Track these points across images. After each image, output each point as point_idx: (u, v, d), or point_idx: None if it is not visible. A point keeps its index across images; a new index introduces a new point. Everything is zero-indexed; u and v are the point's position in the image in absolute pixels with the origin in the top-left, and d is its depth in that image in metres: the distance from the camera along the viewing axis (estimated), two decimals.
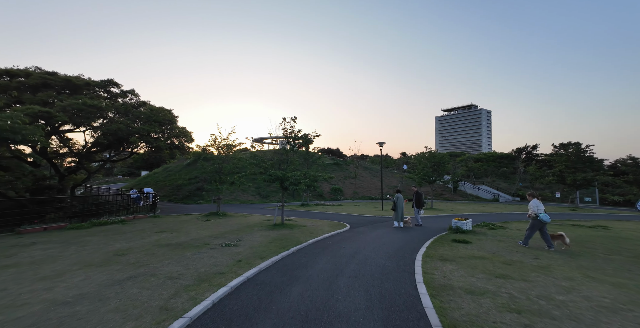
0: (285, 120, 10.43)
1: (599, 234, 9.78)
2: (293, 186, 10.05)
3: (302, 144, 10.93)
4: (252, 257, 6.24)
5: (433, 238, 8.91)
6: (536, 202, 7.48)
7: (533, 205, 7.45)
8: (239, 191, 24.66)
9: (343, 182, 32.31)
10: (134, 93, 18.60)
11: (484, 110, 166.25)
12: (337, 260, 6.14)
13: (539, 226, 7.41)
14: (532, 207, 7.46)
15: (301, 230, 9.85)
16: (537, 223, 7.41)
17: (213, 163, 13.84)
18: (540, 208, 7.36)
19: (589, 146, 20.68)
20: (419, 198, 12.02)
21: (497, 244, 7.98)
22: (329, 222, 12.32)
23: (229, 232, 9.23)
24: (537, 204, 7.42)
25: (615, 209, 20.88)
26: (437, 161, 19.45)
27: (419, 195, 12.07)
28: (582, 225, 12.23)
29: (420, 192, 12.22)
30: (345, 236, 9.10)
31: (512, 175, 36.92)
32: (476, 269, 5.46)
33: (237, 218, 12.79)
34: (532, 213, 7.41)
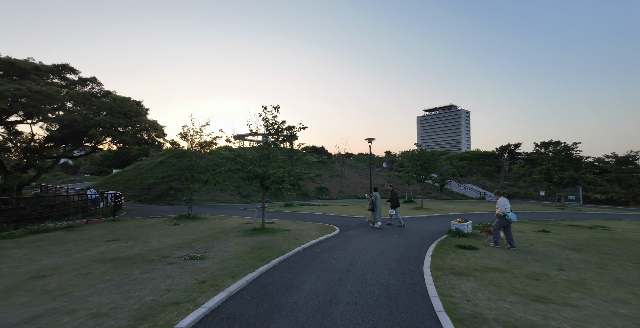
0: (267, 109, 9.08)
1: (605, 236, 9.15)
2: (275, 185, 8.74)
3: (287, 138, 9.60)
4: (221, 275, 4.91)
5: (434, 243, 7.90)
6: (504, 201, 7.49)
7: (501, 204, 7.47)
8: (217, 190, 22.94)
9: (329, 180, 31.20)
10: (96, 81, 16.51)
11: (463, 111, 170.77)
12: (330, 277, 4.93)
13: (505, 224, 7.45)
14: (499, 205, 7.47)
15: (285, 235, 8.57)
16: (503, 222, 7.42)
17: (182, 159, 12.22)
18: (507, 207, 7.37)
19: (576, 144, 20.74)
20: (395, 198, 11.41)
21: (506, 250, 7.07)
22: (316, 224, 11.10)
23: (198, 240, 7.79)
24: (504, 203, 7.43)
25: (600, 207, 21.07)
26: (427, 159, 18.71)
27: (394, 195, 11.45)
28: (580, 225, 11.72)
29: (396, 191, 11.56)
30: (335, 242, 7.91)
31: (496, 173, 37.31)
32: (502, 288, 4.41)
33: (211, 222, 11.29)
34: (499, 212, 7.40)
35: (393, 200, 11.41)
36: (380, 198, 10.97)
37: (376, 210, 10.68)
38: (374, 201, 10.73)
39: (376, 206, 10.69)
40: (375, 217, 10.69)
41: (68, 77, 15.86)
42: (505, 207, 7.34)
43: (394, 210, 11.36)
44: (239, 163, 9.03)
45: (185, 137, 12.31)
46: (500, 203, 7.50)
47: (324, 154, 55.53)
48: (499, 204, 7.47)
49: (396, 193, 11.57)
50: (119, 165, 47.49)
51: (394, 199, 11.40)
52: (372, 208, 10.81)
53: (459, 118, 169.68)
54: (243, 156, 9.05)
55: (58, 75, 15.51)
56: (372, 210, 10.87)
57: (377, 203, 10.69)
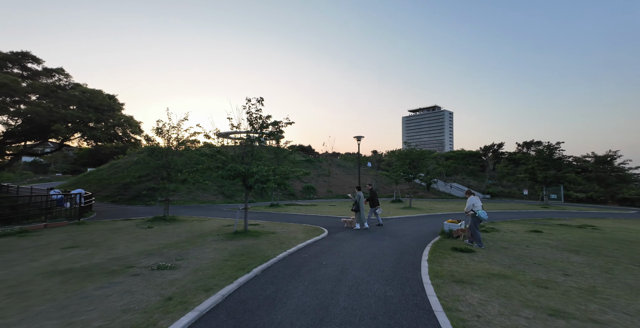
0: (250, 101, 8.35)
1: (597, 236, 9.02)
2: (259, 184, 8.03)
3: (272, 134, 8.90)
4: (193, 288, 4.21)
5: (429, 246, 7.45)
6: (474, 200, 7.55)
7: (470, 203, 7.53)
8: (198, 190, 21.85)
9: (316, 180, 30.59)
10: (63, 72, 15.13)
11: (446, 111, 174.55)
12: (319, 289, 4.33)
13: (478, 222, 7.51)
14: (468, 204, 7.54)
15: (269, 239, 7.89)
16: (476, 221, 7.46)
17: (157, 157, 11.26)
18: (477, 205, 7.43)
19: (559, 143, 21.11)
20: (374, 198, 11.06)
21: (504, 253, 6.70)
22: (303, 226, 10.47)
23: (171, 245, 6.99)
24: (474, 202, 7.50)
25: (581, 206, 21.57)
26: (416, 157, 18.44)
27: (374, 194, 11.10)
28: (568, 224, 11.67)
29: (374, 191, 11.20)
30: (324, 246, 7.32)
31: (480, 173, 37.90)
32: (512, 299, 3.94)
33: (189, 224, 10.43)
34: (468, 209, 7.49)
35: (372, 199, 11.07)
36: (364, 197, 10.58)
37: (360, 210, 10.19)
38: (357, 201, 10.25)
39: (360, 206, 10.20)
40: (360, 218, 10.20)
41: (30, 66, 14.43)
42: (475, 205, 7.41)
43: (373, 209, 11.12)
44: (219, 160, 8.26)
45: (161, 133, 11.35)
46: (469, 202, 7.55)
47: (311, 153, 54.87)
48: (469, 203, 7.55)
49: (375, 193, 11.24)
50: (94, 164, 44.97)
51: (373, 198, 11.06)
52: (356, 209, 10.31)
53: (442, 118, 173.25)
54: (224, 153, 8.28)
55: (18, 65, 14.06)
56: (355, 210, 10.37)
57: (360, 203, 10.23)
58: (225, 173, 7.73)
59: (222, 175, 7.79)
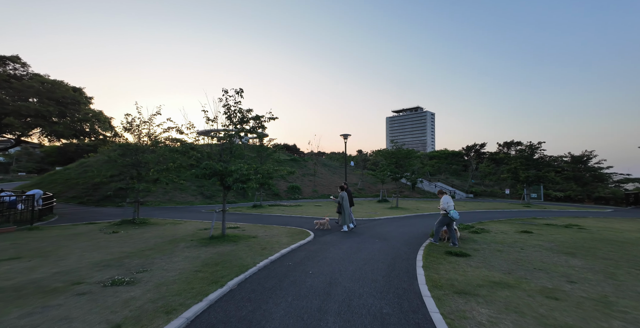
0: (227, 93, 7.57)
1: (586, 236, 8.91)
2: (239, 184, 7.28)
3: (254, 129, 8.16)
4: (151, 310, 3.47)
5: (421, 249, 6.99)
6: (447, 199, 7.60)
7: (444, 201, 7.57)
8: (176, 190, 20.63)
9: (301, 179, 29.89)
10: (19, 61, 13.63)
11: (428, 113, 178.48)
12: (305, 306, 3.70)
13: (447, 222, 7.53)
14: (442, 203, 7.58)
15: (249, 244, 7.16)
16: (446, 220, 7.51)
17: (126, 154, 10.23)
18: (450, 205, 7.45)
19: (541, 143, 21.55)
20: (349, 198, 10.47)
21: (501, 257, 6.32)
22: (287, 228, 9.79)
23: (135, 254, 6.13)
24: (447, 201, 7.54)
25: (560, 205, 22.14)
26: (403, 157, 18.15)
27: (348, 194, 10.50)
28: (554, 224, 11.64)
29: (349, 189, 10.71)
30: (310, 251, 6.69)
31: (463, 172, 38.52)
32: (524, 315, 3.47)
33: (161, 228, 9.50)
34: (441, 208, 7.53)
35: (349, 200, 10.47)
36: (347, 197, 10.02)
37: (344, 211, 9.73)
38: (341, 202, 9.79)
39: (343, 207, 9.72)
40: (344, 219, 9.74)
41: None
42: (448, 204, 7.43)
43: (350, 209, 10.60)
44: (193, 157, 7.43)
45: (130, 129, 10.31)
46: (442, 201, 7.61)
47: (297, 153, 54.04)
48: (442, 202, 7.59)
49: (350, 192, 10.69)
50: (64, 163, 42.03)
51: (350, 198, 10.50)
52: (340, 210, 9.85)
53: (424, 119, 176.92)
54: (198, 149, 7.45)
55: None
56: (339, 212, 9.90)
57: (344, 203, 9.76)
58: (199, 172, 6.92)
59: (196, 174, 6.98)
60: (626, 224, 11.92)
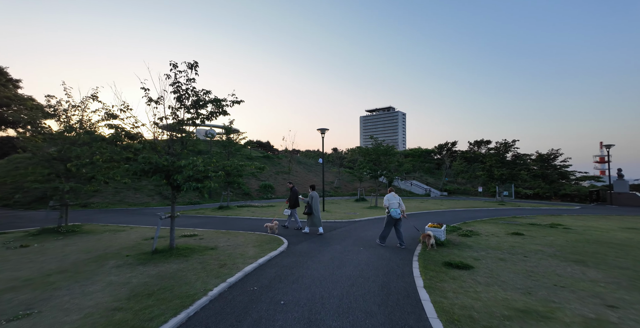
0: (177, 67, 5.94)
1: (579, 238, 8.42)
2: (192, 184, 5.71)
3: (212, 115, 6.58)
4: None
5: (415, 260, 5.93)
6: (389, 196, 7.19)
7: (385, 200, 7.17)
8: (129, 190, 18.14)
9: (275, 177, 28.24)
10: None
11: (400, 112, 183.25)
12: None
13: (392, 222, 7.09)
14: (385, 201, 7.18)
15: (204, 259, 5.64)
16: (389, 220, 7.08)
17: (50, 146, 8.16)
18: (392, 203, 7.02)
19: (515, 141, 21.85)
20: (295, 198, 9.66)
21: (507, 268, 5.41)
22: (257, 235, 8.33)
23: (33, 281, 4.38)
24: (388, 198, 7.12)
25: (531, 202, 22.69)
26: (382, 153, 17.28)
27: (294, 193, 9.67)
28: (537, 223, 11.27)
29: (296, 189, 9.87)
30: (282, 267, 5.33)
31: (436, 170, 39.07)
32: None
33: (95, 238, 7.59)
34: (385, 206, 7.14)
35: (292, 199, 9.62)
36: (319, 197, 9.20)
37: (314, 213, 8.77)
38: (310, 202, 8.82)
39: (313, 208, 8.79)
40: (314, 221, 8.80)
41: None
42: (390, 203, 7.02)
43: (289, 210, 9.75)
44: (131, 149, 5.71)
45: (55, 115, 8.20)
46: (385, 199, 7.19)
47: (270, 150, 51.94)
48: (384, 200, 7.17)
49: (296, 192, 9.79)
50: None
51: (293, 198, 9.62)
52: (309, 211, 8.83)
53: (396, 119, 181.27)
54: (136, 137, 5.73)
55: None
56: (308, 213, 8.86)
57: (314, 204, 8.79)
58: (134, 167, 5.26)
59: (129, 170, 5.29)
60: (603, 222, 11.89)
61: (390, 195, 7.23)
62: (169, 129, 6.30)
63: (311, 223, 8.88)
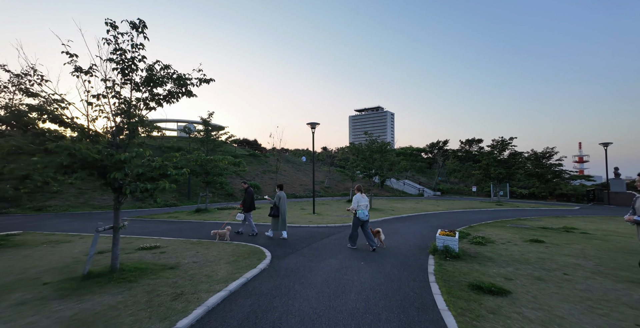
0: (116, 29, 4.41)
1: (609, 246, 7.40)
2: (141, 184, 4.23)
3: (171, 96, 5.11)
4: None
5: (432, 280, 4.65)
6: (357, 197, 6.81)
7: (354, 200, 6.82)
8: (96, 190, 16.21)
9: (261, 177, 26.65)
10: None
11: (388, 112, 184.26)
12: None
13: (359, 223, 6.75)
14: (353, 202, 6.83)
15: (155, 285, 4.17)
16: (356, 221, 6.74)
17: None
18: (361, 204, 6.73)
19: (512, 138, 21.10)
20: (251, 199, 8.49)
21: (553, 292, 4.20)
22: (234, 246, 6.89)
23: None
24: (357, 199, 6.77)
25: (528, 202, 22.01)
26: (377, 150, 16.03)
27: (250, 195, 8.51)
28: (549, 227, 10.29)
29: (251, 190, 8.83)
30: (262, 296, 3.95)
31: (427, 169, 38.39)
32: None
33: (20, 254, 5.96)
34: (351, 208, 6.82)
35: (247, 201, 8.51)
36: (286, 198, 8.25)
37: (280, 215, 7.89)
38: (277, 203, 7.83)
39: (280, 210, 7.80)
40: (279, 225, 7.84)
41: None
42: (359, 204, 6.69)
43: (243, 215, 8.49)
44: (45, 136, 4.15)
45: None
46: (354, 200, 6.80)
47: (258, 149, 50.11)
48: (353, 201, 6.81)
49: (251, 193, 8.64)
50: None
51: (248, 200, 8.52)
52: (275, 213, 7.80)
53: (385, 119, 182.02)
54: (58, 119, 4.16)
55: None
56: (274, 215, 7.81)
57: (282, 205, 7.93)
58: (46, 161, 3.72)
59: (40, 163, 3.75)
60: (616, 225, 11.05)
61: (359, 196, 6.82)
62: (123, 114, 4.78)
63: (275, 227, 7.90)
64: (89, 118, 4.35)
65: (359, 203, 6.71)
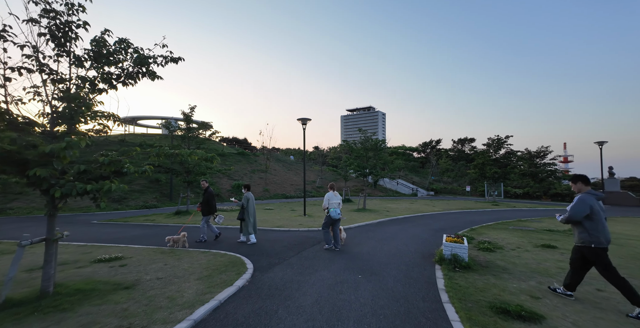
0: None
1: (627, 252, 6.79)
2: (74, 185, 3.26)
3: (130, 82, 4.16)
4: None
5: (447, 302, 3.83)
6: (329, 195, 6.70)
7: (325, 199, 6.70)
8: None
9: (250, 176, 25.59)
10: None
11: (380, 112, 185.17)
12: None
13: (331, 222, 6.57)
14: (324, 201, 6.71)
15: (96, 315, 3.24)
16: (327, 220, 6.57)
17: None
18: (332, 202, 6.59)
19: (508, 137, 20.67)
20: (209, 201, 7.45)
21: (593, 316, 3.46)
22: (211, 256, 5.96)
23: None
24: (328, 197, 6.66)
25: (523, 202, 21.61)
26: (372, 147, 15.24)
27: (210, 196, 7.55)
28: (553, 229, 9.69)
29: (212, 191, 7.71)
30: (236, 326, 3.06)
31: (420, 169, 38.00)
32: None
33: None
34: (323, 207, 6.73)
35: (208, 203, 7.46)
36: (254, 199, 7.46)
37: (248, 219, 7.06)
38: (246, 205, 6.99)
39: (249, 213, 7.09)
40: (246, 228, 6.98)
41: None
42: (330, 202, 6.56)
43: (222, 217, 7.72)
44: None
45: None
46: (325, 198, 6.67)
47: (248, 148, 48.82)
48: (324, 199, 6.67)
49: (212, 193, 7.62)
50: None
51: (209, 202, 7.45)
52: (243, 216, 7.01)
53: (376, 118, 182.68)
54: None
55: None
56: (242, 219, 7.03)
57: (249, 208, 7.09)
58: None
59: None
60: (622, 227, 10.54)
61: (330, 194, 6.66)
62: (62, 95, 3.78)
63: (245, 231, 7.10)
64: (8, 99, 3.35)
65: (330, 202, 6.54)
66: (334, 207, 6.52)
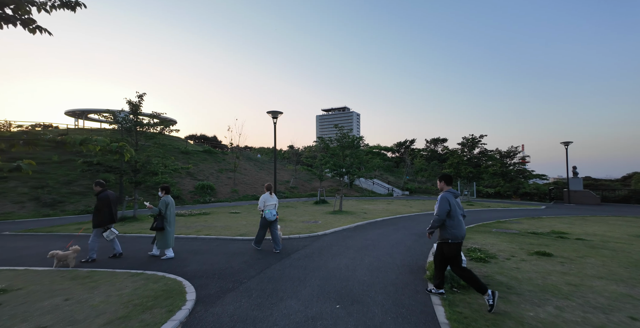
0: None
1: (627, 259, 6.29)
2: None
3: None
4: None
5: None
6: (265, 197, 6.46)
7: (261, 200, 6.47)
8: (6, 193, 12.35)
9: (217, 176, 23.64)
10: None
11: (354, 113, 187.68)
12: None
13: (267, 224, 6.38)
14: (260, 202, 6.50)
15: None
16: (264, 222, 6.37)
17: None
18: (267, 205, 6.34)
19: (482, 136, 20.80)
20: (108, 205, 5.74)
21: None
22: (140, 282, 4.49)
23: None
24: (264, 199, 6.43)
25: (496, 202, 21.80)
26: (349, 145, 14.25)
27: (104, 202, 5.73)
28: (538, 232, 9.26)
29: (105, 195, 5.79)
30: None
31: (395, 168, 38.03)
32: None
33: None
34: (258, 208, 6.52)
35: (100, 211, 5.70)
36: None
37: (167, 227, 5.75)
38: (164, 212, 5.77)
39: (168, 220, 5.80)
40: (165, 241, 5.73)
41: None
42: (265, 204, 6.39)
43: (108, 231, 5.76)
44: None
45: None
46: (260, 200, 6.51)
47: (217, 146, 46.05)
48: (260, 201, 6.52)
49: (106, 199, 5.75)
50: None
51: (102, 210, 5.68)
52: (158, 225, 5.67)
53: (351, 119, 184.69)
54: None
55: None
56: (157, 228, 5.67)
57: (169, 215, 5.84)
58: None
59: None
60: (602, 227, 10.38)
61: (266, 196, 6.48)
62: None
63: (161, 244, 5.75)
64: None
65: (265, 203, 6.38)
66: (269, 209, 6.34)
